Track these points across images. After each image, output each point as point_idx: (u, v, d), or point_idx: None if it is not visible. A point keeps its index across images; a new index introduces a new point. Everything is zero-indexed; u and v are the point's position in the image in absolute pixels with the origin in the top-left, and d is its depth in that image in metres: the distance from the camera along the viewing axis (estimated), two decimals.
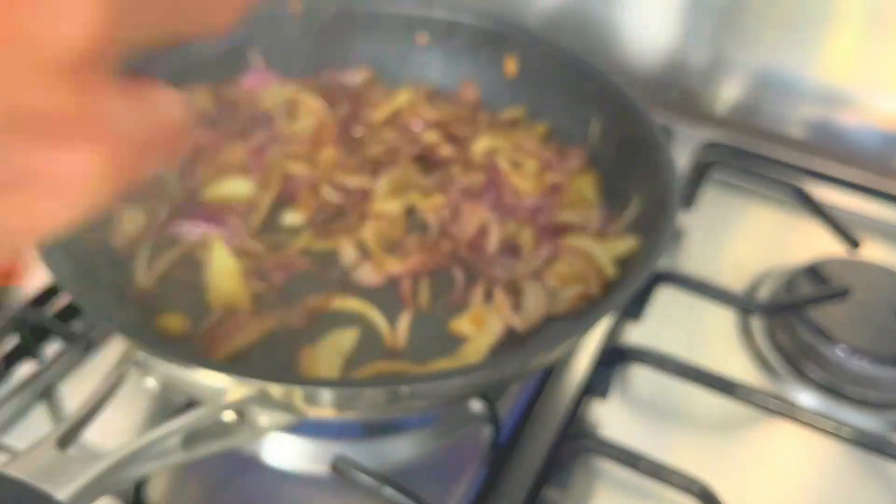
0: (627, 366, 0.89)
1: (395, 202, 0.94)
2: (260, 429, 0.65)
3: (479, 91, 1.10)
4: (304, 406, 0.66)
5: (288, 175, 0.96)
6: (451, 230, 0.92)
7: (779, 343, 0.94)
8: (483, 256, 0.89)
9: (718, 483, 0.72)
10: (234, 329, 0.79)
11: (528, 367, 0.75)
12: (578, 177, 0.98)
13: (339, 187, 0.95)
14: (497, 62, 1.08)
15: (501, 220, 0.93)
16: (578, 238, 0.90)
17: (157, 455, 0.61)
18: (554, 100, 1.05)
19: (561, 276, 0.87)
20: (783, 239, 1.11)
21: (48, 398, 0.84)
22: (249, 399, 0.64)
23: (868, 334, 0.92)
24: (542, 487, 0.78)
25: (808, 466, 0.84)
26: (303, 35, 1.08)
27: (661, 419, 0.87)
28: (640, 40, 1.30)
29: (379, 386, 0.68)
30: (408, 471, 0.80)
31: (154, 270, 0.85)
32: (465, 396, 0.75)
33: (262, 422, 0.65)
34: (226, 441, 0.65)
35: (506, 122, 1.07)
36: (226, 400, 0.63)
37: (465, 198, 0.95)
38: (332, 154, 0.98)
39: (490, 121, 1.07)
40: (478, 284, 0.87)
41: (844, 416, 0.85)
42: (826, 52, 1.21)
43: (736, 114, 1.30)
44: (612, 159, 0.97)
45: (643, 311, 0.96)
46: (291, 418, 0.66)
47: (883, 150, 1.24)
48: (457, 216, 0.93)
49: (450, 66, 1.11)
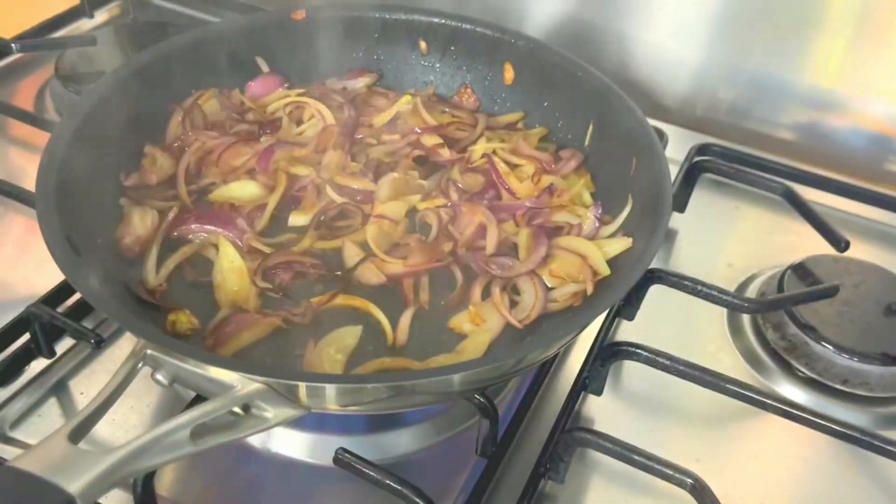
0: (622, 362, 0.91)
1: (396, 204, 0.96)
2: (266, 422, 0.66)
3: (478, 96, 1.12)
4: (309, 401, 0.68)
5: (293, 177, 0.98)
6: (450, 231, 0.94)
7: (768, 340, 0.95)
8: (482, 256, 0.91)
9: (710, 476, 0.73)
10: (240, 327, 0.81)
11: (526, 363, 0.77)
12: (574, 179, 1.00)
13: (342, 190, 0.97)
14: (496, 68, 1.10)
15: (499, 220, 0.94)
16: (573, 238, 0.92)
17: (166, 448, 0.62)
18: (551, 104, 1.08)
19: (556, 274, 0.89)
20: (773, 238, 1.13)
21: (59, 394, 0.85)
22: (256, 394, 0.65)
23: (855, 332, 0.94)
24: (539, 480, 0.80)
25: (796, 460, 0.86)
26: (307, 42, 1.10)
27: (654, 414, 0.89)
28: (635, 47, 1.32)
29: (380, 382, 0.70)
30: (408, 464, 0.82)
31: (163, 270, 0.87)
32: (465, 392, 0.77)
33: (269, 415, 0.66)
34: (233, 434, 0.66)
35: (504, 126, 1.09)
36: (234, 395, 0.65)
37: (463, 199, 0.97)
38: (335, 157, 1.00)
39: (489, 125, 1.09)
40: (476, 283, 0.89)
41: (832, 411, 0.87)
42: (815, 56, 1.22)
43: (727, 116, 1.32)
44: (608, 161, 0.99)
45: (637, 310, 0.98)
46: (296, 412, 0.67)
47: (870, 152, 1.26)
48: (456, 217, 0.95)
49: (450, 72, 1.13)
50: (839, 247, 1.02)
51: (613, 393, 0.91)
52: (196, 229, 0.91)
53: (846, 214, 1.16)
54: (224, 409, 0.65)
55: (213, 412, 0.64)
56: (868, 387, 0.91)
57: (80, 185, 0.84)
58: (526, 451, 0.83)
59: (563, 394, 0.87)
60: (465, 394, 0.78)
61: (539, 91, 1.08)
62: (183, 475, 0.79)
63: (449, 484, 0.80)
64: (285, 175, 0.98)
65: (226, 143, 0.99)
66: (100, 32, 1.33)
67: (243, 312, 0.84)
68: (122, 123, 0.94)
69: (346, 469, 0.74)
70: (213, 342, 0.80)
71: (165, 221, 0.91)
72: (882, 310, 0.97)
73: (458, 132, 1.07)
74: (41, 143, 1.13)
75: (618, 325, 0.97)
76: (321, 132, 1.04)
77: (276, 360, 0.81)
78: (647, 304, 0.97)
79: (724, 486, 0.75)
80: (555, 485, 0.81)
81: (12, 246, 1.02)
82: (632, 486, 0.81)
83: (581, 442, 0.77)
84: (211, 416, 0.64)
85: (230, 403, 0.65)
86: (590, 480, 0.82)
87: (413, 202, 0.97)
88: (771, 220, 1.15)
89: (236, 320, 0.82)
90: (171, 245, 0.90)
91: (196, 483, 0.79)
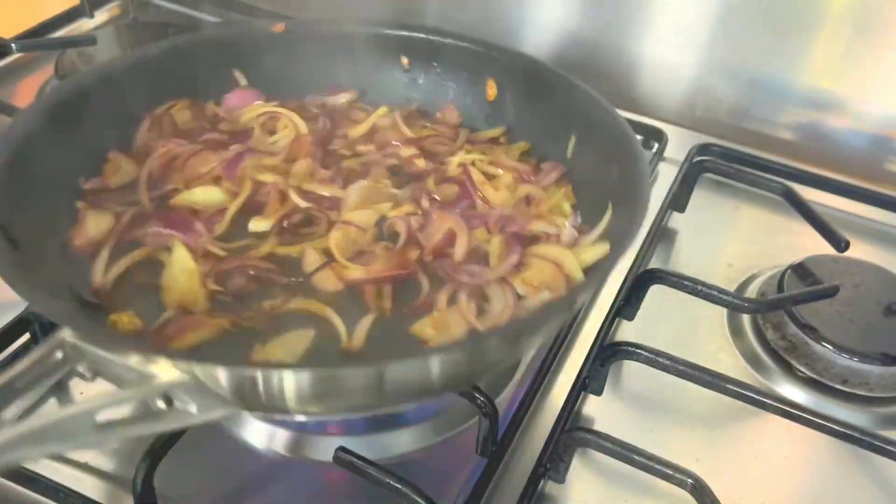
0: (621, 362, 0.91)
1: (366, 212, 0.93)
2: (191, 417, 0.63)
3: (461, 112, 1.10)
4: (236, 395, 0.64)
5: (258, 183, 0.95)
6: (418, 238, 0.91)
7: (768, 340, 0.95)
8: (449, 263, 0.88)
9: (710, 476, 0.73)
10: (184, 328, 0.78)
11: (505, 350, 0.74)
12: (555, 189, 0.98)
13: (308, 196, 0.94)
14: (478, 83, 1.08)
15: (471, 228, 0.91)
16: (548, 246, 0.89)
17: (66, 435, 0.59)
18: (534, 118, 1.05)
19: (530, 283, 0.86)
20: (773, 238, 1.13)
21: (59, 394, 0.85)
22: (179, 385, 0.62)
23: (855, 332, 0.94)
24: (539, 480, 0.80)
25: (796, 460, 0.86)
26: (286, 56, 1.08)
27: (654, 414, 0.89)
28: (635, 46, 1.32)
29: (307, 370, 0.65)
30: (408, 463, 0.82)
31: (114, 270, 0.83)
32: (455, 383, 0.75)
33: (192, 410, 0.63)
34: (147, 427, 0.62)
35: (486, 141, 1.06)
36: (152, 385, 0.61)
37: (435, 207, 0.94)
38: (305, 165, 0.97)
39: (469, 139, 1.06)
40: (443, 291, 0.85)
41: (832, 412, 0.87)
42: (815, 56, 1.23)
43: (727, 116, 1.32)
44: (589, 170, 0.96)
45: (637, 310, 0.98)
46: (224, 410, 0.64)
47: (870, 152, 1.26)
48: (426, 225, 0.92)
49: (432, 89, 1.10)
50: (839, 247, 1.02)
51: (613, 393, 0.91)
52: (152, 233, 0.87)
53: (846, 214, 1.16)
54: (137, 398, 0.62)
55: (122, 400, 0.61)
56: (868, 387, 0.91)
57: (32, 180, 0.82)
58: (526, 451, 0.83)
59: (563, 394, 0.87)
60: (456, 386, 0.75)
61: (522, 105, 1.05)
62: (183, 474, 0.79)
63: (449, 484, 0.80)
64: (251, 182, 0.94)
65: (192, 150, 0.96)
66: (100, 32, 1.33)
67: (189, 315, 0.80)
68: (88, 125, 0.91)
69: (345, 468, 0.74)
70: (157, 341, 0.76)
71: (121, 224, 0.88)
72: (882, 310, 0.97)
73: (438, 146, 1.05)
74: None
75: (618, 325, 0.98)
76: (293, 141, 1.01)
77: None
78: (647, 304, 0.97)
79: (724, 486, 0.75)
80: (555, 485, 0.81)
81: None
82: (632, 486, 0.81)
83: (581, 442, 0.77)
84: (119, 403, 0.61)
85: (146, 393, 0.61)
86: (590, 480, 0.82)
87: (384, 210, 0.94)
88: (771, 220, 1.15)
89: (181, 322, 0.78)
90: (124, 249, 0.86)
91: (196, 483, 0.79)
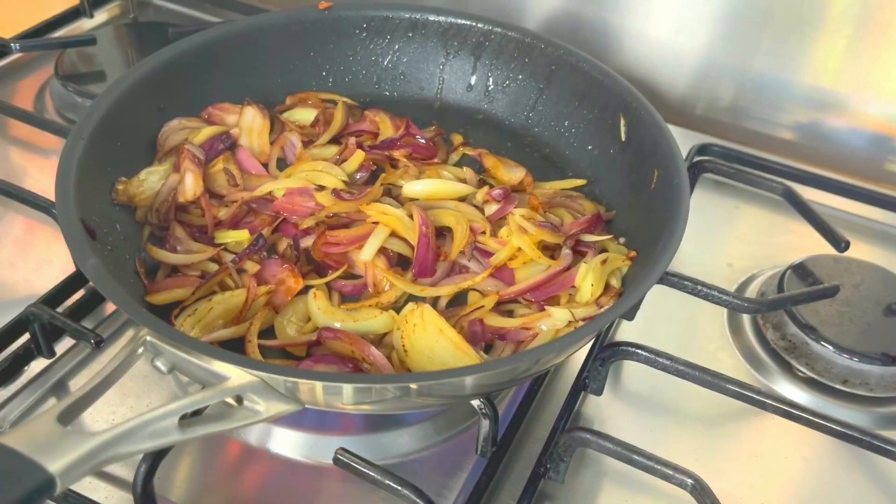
0: (622, 362, 0.92)
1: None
2: (258, 415, 0.66)
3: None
4: (304, 397, 0.67)
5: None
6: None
7: (768, 340, 0.96)
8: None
9: (710, 476, 0.73)
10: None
11: (538, 367, 0.76)
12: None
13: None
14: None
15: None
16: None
17: (152, 434, 0.61)
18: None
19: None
20: (773, 238, 1.13)
21: (59, 394, 0.85)
22: (250, 387, 0.65)
23: (855, 332, 0.94)
24: (539, 480, 0.80)
25: (796, 459, 0.86)
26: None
27: (654, 414, 0.89)
28: (636, 45, 1.32)
29: (388, 383, 0.69)
30: (408, 464, 0.82)
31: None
32: (475, 395, 0.77)
33: (261, 409, 0.66)
34: (223, 424, 0.65)
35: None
36: (228, 386, 0.64)
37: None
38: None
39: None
40: None
41: (832, 411, 0.87)
42: (815, 56, 1.22)
43: (727, 116, 1.32)
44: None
45: (637, 310, 0.97)
46: (289, 408, 0.66)
47: (870, 152, 1.26)
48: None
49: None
50: (839, 247, 1.02)
51: (613, 393, 0.91)
52: None
53: (846, 214, 1.16)
54: (215, 399, 0.64)
55: (203, 401, 0.64)
56: (868, 387, 0.91)
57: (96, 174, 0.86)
58: (526, 451, 0.83)
59: (563, 394, 0.87)
60: (474, 397, 0.77)
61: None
62: (183, 475, 0.79)
63: (449, 484, 0.80)
64: None
65: None
66: (100, 32, 1.33)
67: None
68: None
69: (345, 469, 0.74)
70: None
71: None
72: (882, 310, 0.97)
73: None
74: (41, 143, 1.15)
75: (617, 325, 0.98)
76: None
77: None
78: (647, 304, 0.97)
79: (724, 486, 0.75)
80: (555, 485, 0.81)
81: (12, 246, 1.02)
82: (632, 486, 0.81)
83: (581, 442, 0.77)
84: (201, 405, 0.64)
85: (223, 394, 0.65)
86: (590, 480, 0.82)
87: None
88: (771, 220, 1.15)
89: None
90: None
91: (196, 483, 0.80)
